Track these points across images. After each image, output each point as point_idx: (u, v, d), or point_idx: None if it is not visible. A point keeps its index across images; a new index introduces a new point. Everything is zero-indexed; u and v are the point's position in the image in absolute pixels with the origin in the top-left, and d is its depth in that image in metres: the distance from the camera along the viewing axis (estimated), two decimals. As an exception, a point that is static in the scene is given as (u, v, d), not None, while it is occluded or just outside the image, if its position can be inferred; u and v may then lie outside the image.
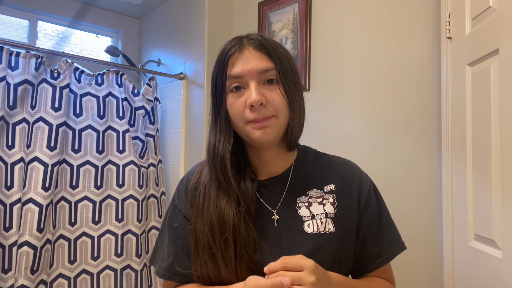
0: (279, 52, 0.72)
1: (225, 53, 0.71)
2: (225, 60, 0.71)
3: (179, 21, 2.34)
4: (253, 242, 0.70)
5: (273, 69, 0.70)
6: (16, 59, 1.73)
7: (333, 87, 1.68)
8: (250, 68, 0.69)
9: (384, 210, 0.81)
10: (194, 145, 2.17)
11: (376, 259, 0.77)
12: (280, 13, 1.93)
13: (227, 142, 0.72)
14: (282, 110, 0.71)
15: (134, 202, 2.01)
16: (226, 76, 0.70)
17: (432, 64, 1.37)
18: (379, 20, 1.54)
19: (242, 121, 0.70)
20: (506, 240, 0.94)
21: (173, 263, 0.76)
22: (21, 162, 1.73)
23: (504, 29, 0.96)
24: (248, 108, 0.69)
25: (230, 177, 0.71)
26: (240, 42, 0.72)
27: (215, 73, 0.73)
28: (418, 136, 1.40)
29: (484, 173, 1.04)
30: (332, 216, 0.74)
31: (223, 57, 0.72)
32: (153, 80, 2.23)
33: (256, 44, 0.71)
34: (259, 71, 0.69)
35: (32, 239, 1.65)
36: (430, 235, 1.35)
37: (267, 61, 0.70)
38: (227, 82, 0.71)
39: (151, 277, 2.10)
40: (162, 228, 0.83)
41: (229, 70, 0.70)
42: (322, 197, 0.76)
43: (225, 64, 0.71)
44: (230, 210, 0.70)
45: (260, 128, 0.69)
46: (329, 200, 0.76)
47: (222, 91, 0.72)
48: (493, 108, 1.00)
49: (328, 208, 0.75)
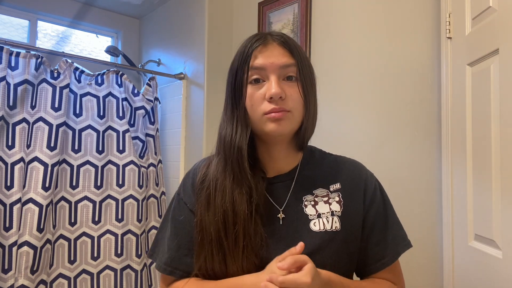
0: (300, 52, 0.74)
1: (249, 45, 0.73)
2: (248, 52, 0.72)
3: (179, 21, 2.34)
4: (260, 238, 0.70)
5: (294, 66, 0.72)
6: (16, 59, 1.73)
7: (333, 87, 1.68)
8: (272, 61, 0.71)
9: (390, 210, 0.81)
10: (194, 145, 2.17)
11: (381, 258, 0.77)
12: (280, 13, 1.93)
13: (244, 134, 0.73)
14: (299, 108, 0.72)
15: (134, 202, 2.01)
16: (248, 67, 0.72)
17: (432, 64, 1.37)
18: (379, 20, 1.54)
19: (259, 112, 0.71)
20: (506, 240, 0.94)
21: (175, 257, 0.76)
22: (21, 162, 1.73)
23: (504, 29, 0.96)
24: (267, 100, 0.70)
25: (247, 168, 0.72)
26: (264, 37, 0.74)
27: (235, 65, 0.74)
28: (418, 136, 1.40)
29: (484, 173, 1.04)
30: (339, 214, 0.75)
31: (246, 50, 0.73)
32: (153, 80, 2.23)
33: (280, 41, 0.73)
34: (281, 65, 0.71)
35: (32, 239, 1.65)
36: (430, 235, 1.35)
37: (289, 57, 0.72)
38: (248, 73, 0.72)
39: (151, 277, 2.10)
40: (163, 222, 0.82)
41: (252, 62, 0.72)
42: (328, 196, 0.76)
43: (248, 56, 0.72)
44: (242, 202, 0.71)
45: (275, 121, 0.70)
46: (335, 199, 0.76)
47: (242, 83, 0.72)
48: (493, 108, 1.00)
49: (334, 206, 0.75)
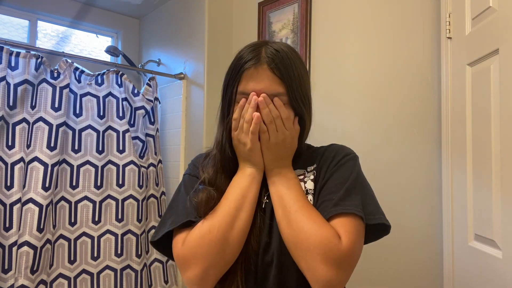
0: (292, 75, 0.73)
1: (241, 64, 0.74)
2: (240, 71, 0.73)
3: (179, 21, 2.34)
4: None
5: (284, 94, 0.73)
6: (16, 59, 1.73)
7: (333, 87, 1.68)
8: (261, 88, 0.72)
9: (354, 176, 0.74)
10: (194, 145, 2.17)
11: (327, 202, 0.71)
12: (280, 13, 1.93)
13: (227, 144, 0.79)
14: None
15: (134, 202, 2.01)
16: (237, 88, 0.74)
17: (432, 64, 1.37)
18: (379, 20, 1.54)
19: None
20: (506, 240, 0.94)
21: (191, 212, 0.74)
22: (21, 162, 1.73)
23: (504, 29, 0.96)
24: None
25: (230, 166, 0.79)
26: (257, 56, 0.73)
27: (227, 79, 0.77)
28: (418, 136, 1.40)
29: (484, 173, 1.04)
30: (313, 192, 0.76)
31: (238, 67, 0.74)
32: (153, 80, 2.23)
33: (272, 66, 0.72)
34: (270, 94, 0.72)
35: (32, 239, 1.65)
36: (430, 235, 1.35)
37: (279, 85, 0.72)
38: (237, 96, 0.74)
39: (151, 277, 2.10)
40: (172, 201, 0.82)
41: (242, 86, 0.73)
42: (304, 175, 0.78)
43: (239, 76, 0.74)
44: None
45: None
46: (310, 177, 0.78)
47: (230, 100, 0.76)
48: (493, 108, 1.00)
49: (309, 185, 0.77)
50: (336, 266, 0.63)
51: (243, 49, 0.76)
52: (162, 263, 2.15)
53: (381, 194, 0.83)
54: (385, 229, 0.74)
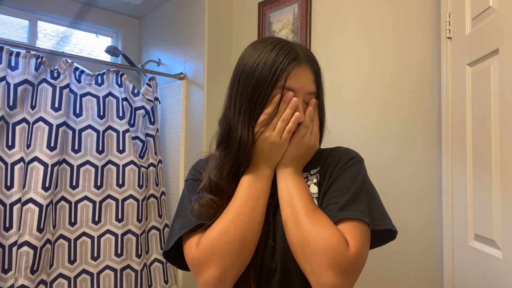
0: (321, 76, 0.78)
1: (283, 61, 0.71)
2: (282, 69, 0.71)
3: (179, 21, 2.34)
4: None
5: (314, 94, 0.76)
6: (16, 59, 1.73)
7: (332, 87, 1.68)
8: (303, 86, 0.73)
9: (360, 180, 0.74)
10: (194, 145, 2.17)
11: (331, 205, 0.70)
12: (280, 13, 1.93)
13: (251, 141, 0.75)
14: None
15: (134, 202, 2.01)
16: (276, 83, 0.71)
17: (432, 64, 1.37)
18: (379, 20, 1.54)
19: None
20: (506, 240, 0.94)
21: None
22: (21, 162, 1.73)
23: (504, 29, 0.96)
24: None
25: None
26: (296, 57, 0.72)
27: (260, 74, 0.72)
28: (418, 136, 1.40)
29: (484, 173, 1.04)
30: (317, 196, 0.75)
31: (278, 65, 0.71)
32: (153, 80, 2.23)
33: (310, 64, 0.75)
34: (308, 92, 0.75)
35: (32, 239, 1.65)
36: (430, 235, 1.35)
37: (315, 85, 0.76)
38: (274, 90, 0.71)
39: (151, 277, 2.10)
40: (178, 209, 0.81)
41: (287, 81, 0.71)
42: (307, 178, 0.78)
43: (281, 74, 0.71)
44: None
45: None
46: (313, 181, 0.77)
47: (265, 96, 0.72)
48: (493, 108, 1.00)
49: (313, 188, 0.76)
50: (342, 272, 0.62)
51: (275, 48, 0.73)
52: (162, 263, 2.15)
53: (381, 194, 0.83)
54: (391, 234, 0.73)
